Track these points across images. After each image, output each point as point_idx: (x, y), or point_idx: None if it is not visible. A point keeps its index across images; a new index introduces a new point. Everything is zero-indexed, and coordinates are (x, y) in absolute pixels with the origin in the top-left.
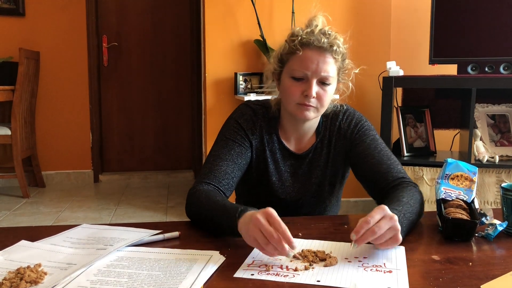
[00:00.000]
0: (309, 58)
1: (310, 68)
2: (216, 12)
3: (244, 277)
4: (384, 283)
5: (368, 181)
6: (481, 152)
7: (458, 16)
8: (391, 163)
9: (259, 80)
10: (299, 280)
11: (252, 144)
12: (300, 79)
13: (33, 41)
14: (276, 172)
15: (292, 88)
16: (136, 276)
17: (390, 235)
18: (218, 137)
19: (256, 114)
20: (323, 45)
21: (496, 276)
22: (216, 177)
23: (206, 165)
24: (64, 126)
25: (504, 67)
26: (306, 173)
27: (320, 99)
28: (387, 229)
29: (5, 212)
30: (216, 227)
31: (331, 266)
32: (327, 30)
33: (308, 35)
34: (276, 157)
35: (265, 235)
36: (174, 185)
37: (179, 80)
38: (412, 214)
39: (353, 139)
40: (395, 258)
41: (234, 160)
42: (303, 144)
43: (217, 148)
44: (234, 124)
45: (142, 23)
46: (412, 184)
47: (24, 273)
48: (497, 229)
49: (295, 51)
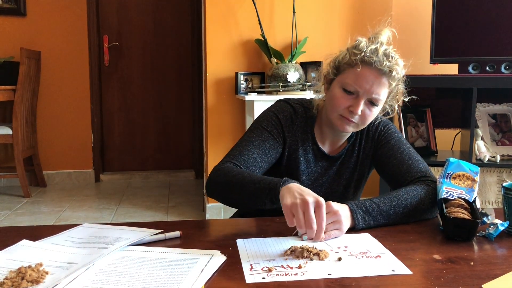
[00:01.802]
0: (365, 77)
1: (364, 86)
2: (217, 12)
3: (257, 282)
4: (386, 267)
5: (391, 181)
6: (482, 152)
7: (459, 15)
8: (412, 163)
9: (260, 79)
10: (311, 276)
11: (286, 141)
12: (350, 93)
13: (34, 41)
14: (307, 172)
15: (341, 99)
16: (137, 276)
17: (333, 227)
18: (253, 125)
19: (296, 113)
20: (383, 69)
21: (497, 276)
22: (245, 161)
23: (236, 148)
24: (65, 126)
25: (506, 66)
26: (336, 175)
27: (364, 117)
28: (330, 222)
29: (6, 211)
30: (246, 195)
31: (326, 259)
32: (391, 53)
33: (372, 54)
34: (308, 156)
35: (306, 220)
36: (175, 185)
37: (180, 80)
38: (393, 207)
39: (379, 141)
40: (372, 244)
41: (266, 152)
42: (336, 147)
43: (251, 135)
44: (274, 117)
45: (143, 22)
46: (428, 182)
47: (26, 272)
48: (499, 228)
49: (354, 65)
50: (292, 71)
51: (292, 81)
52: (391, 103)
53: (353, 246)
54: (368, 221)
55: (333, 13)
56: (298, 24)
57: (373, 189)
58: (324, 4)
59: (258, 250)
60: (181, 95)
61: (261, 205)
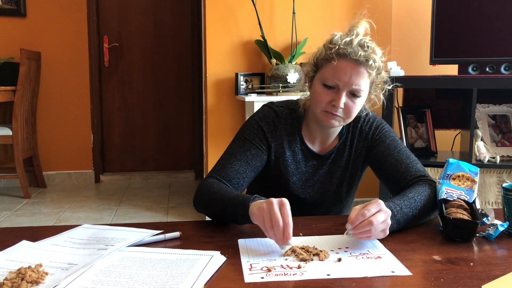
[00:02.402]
0: (342, 69)
1: (342, 79)
2: (217, 13)
3: (256, 281)
4: (385, 268)
5: (388, 180)
6: (482, 153)
7: (459, 16)
8: (410, 162)
9: (260, 80)
10: (310, 276)
11: (271, 147)
12: (331, 88)
13: (34, 42)
14: (297, 172)
15: (322, 95)
16: (137, 276)
17: (382, 228)
18: (237, 136)
19: (278, 117)
20: (359, 58)
21: (497, 277)
22: (228, 175)
23: (220, 162)
24: (65, 127)
25: (505, 67)
26: (327, 174)
27: (348, 110)
28: (382, 221)
29: (6, 212)
30: (226, 212)
31: (326, 259)
32: (366, 42)
33: (346, 46)
34: (297, 157)
35: (272, 219)
36: (175, 186)
37: (180, 81)
38: (412, 210)
39: (373, 140)
40: (373, 245)
41: (249, 162)
42: (326, 145)
43: (234, 146)
44: (255, 125)
45: (143, 23)
46: (429, 182)
47: (25, 273)
48: (498, 229)
49: (330, 59)
50: (292, 72)
51: (292, 82)
52: (376, 92)
53: (354, 247)
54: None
55: (333, 14)
56: (298, 25)
57: (373, 189)
58: (324, 5)
59: (259, 250)
60: (181, 96)
61: (235, 221)
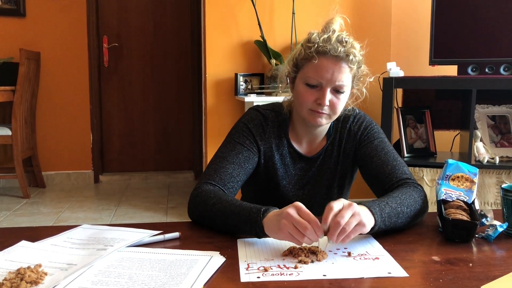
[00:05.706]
0: (324, 67)
1: (325, 77)
2: (217, 13)
3: (252, 281)
4: (382, 269)
5: (374, 181)
6: (481, 153)
7: (458, 17)
8: (396, 164)
9: (260, 80)
10: (306, 276)
11: (261, 150)
12: (314, 86)
13: (33, 42)
14: (286, 176)
15: (306, 94)
16: (136, 277)
17: (355, 221)
18: (226, 140)
19: (265, 119)
20: (339, 54)
21: (496, 277)
22: (222, 179)
23: (211, 166)
24: (64, 127)
25: (505, 68)
26: (316, 176)
27: (333, 107)
28: (350, 216)
29: (6, 212)
30: (230, 227)
31: (323, 260)
32: (344, 38)
33: (325, 43)
34: (286, 160)
35: (299, 227)
36: (175, 186)
37: (179, 81)
38: (399, 205)
39: (361, 140)
40: (372, 246)
41: (241, 164)
42: (314, 147)
43: (224, 150)
44: (244, 128)
45: (143, 23)
46: (415, 185)
47: (25, 273)
48: (497, 230)
49: (310, 58)
50: None
51: None
52: (358, 86)
53: (353, 248)
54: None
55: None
56: (297, 25)
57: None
58: (323, 6)
59: (257, 250)
60: (180, 96)
61: (244, 234)
